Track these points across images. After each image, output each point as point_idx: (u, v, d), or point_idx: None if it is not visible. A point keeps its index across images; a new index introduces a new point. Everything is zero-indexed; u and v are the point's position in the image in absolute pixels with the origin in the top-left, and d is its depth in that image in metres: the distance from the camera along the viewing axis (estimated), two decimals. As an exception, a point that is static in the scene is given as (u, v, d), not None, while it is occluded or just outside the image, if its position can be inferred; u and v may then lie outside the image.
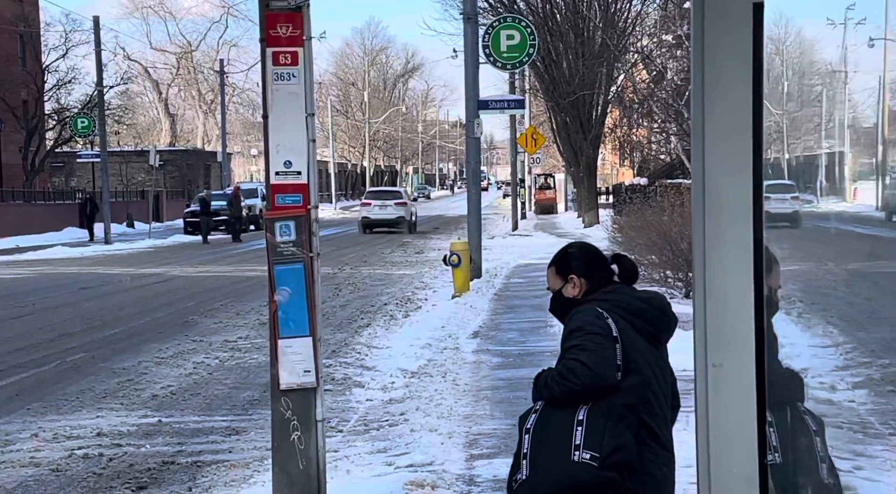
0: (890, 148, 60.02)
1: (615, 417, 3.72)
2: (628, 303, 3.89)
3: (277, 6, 5.16)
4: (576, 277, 3.98)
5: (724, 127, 2.56)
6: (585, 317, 3.81)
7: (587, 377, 3.67)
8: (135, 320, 15.99)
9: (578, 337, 3.74)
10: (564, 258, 4.06)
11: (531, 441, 3.73)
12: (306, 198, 5.41)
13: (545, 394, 3.76)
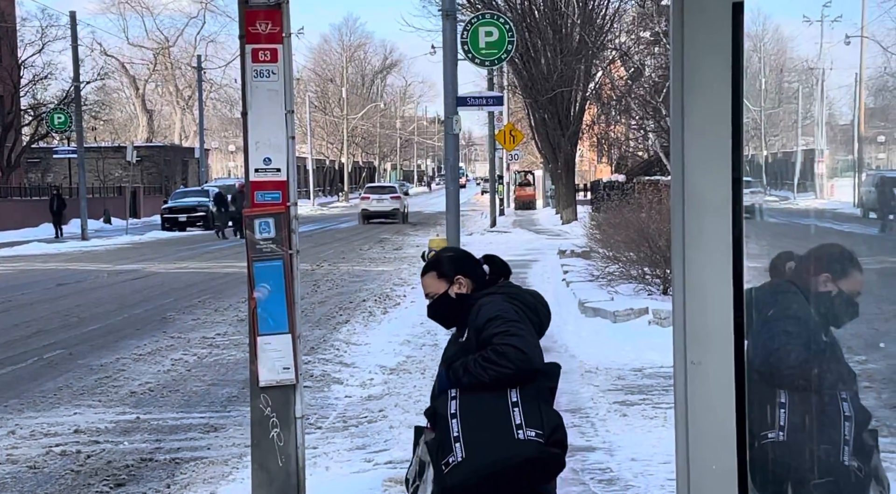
0: (866, 145, 60.34)
1: (545, 398, 3.90)
2: (522, 297, 4.07)
3: (257, 3, 5.15)
4: (462, 277, 4.12)
5: (703, 124, 2.58)
6: (499, 305, 3.95)
7: (521, 360, 3.79)
8: (112, 316, 15.92)
9: (502, 324, 3.85)
10: (446, 261, 4.19)
11: (461, 425, 3.82)
12: (286, 195, 5.40)
13: (466, 380, 3.85)
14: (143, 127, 74.17)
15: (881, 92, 64.93)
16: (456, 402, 3.88)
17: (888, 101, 66.02)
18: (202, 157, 58.73)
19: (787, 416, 2.72)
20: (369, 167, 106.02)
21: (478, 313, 3.95)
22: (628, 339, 11.52)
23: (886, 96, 65.43)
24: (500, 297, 4.01)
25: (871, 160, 62.28)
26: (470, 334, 3.97)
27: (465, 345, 3.98)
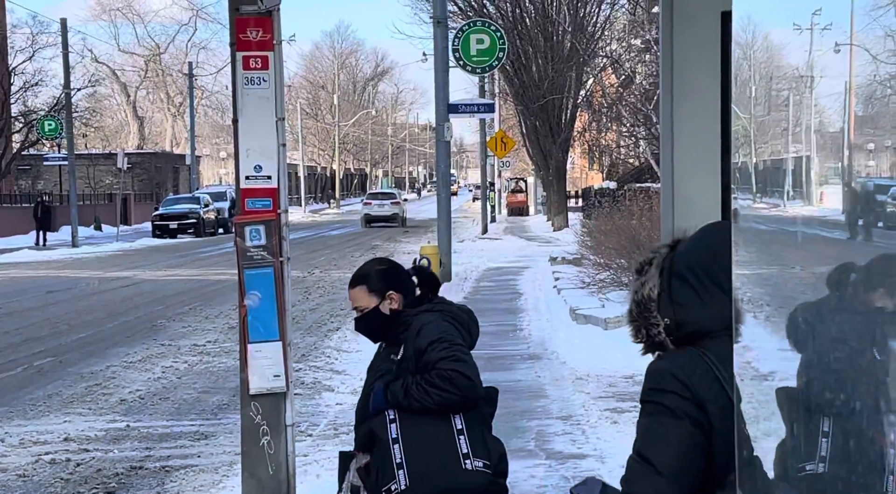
0: (855, 152, 60.99)
1: (487, 425, 3.86)
2: (457, 314, 3.97)
3: (248, 10, 5.15)
4: (393, 293, 3.97)
5: (692, 132, 2.59)
6: (441, 326, 3.83)
7: (468, 388, 3.71)
8: (103, 324, 15.88)
9: (447, 348, 3.74)
10: (377, 275, 4.03)
11: (405, 452, 3.73)
12: (276, 202, 5.40)
13: (407, 404, 3.73)
14: (134, 134, 74.10)
15: (871, 100, 65.77)
16: (397, 426, 3.76)
17: (878, 109, 66.84)
18: (193, 164, 58.67)
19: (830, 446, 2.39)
20: (361, 174, 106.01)
21: (418, 332, 3.81)
22: (619, 346, 11.52)
23: (876, 104, 66.28)
24: (437, 316, 3.89)
25: (861, 168, 63.06)
26: (408, 353, 3.82)
27: (401, 364, 3.84)
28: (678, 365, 2.23)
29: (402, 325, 3.91)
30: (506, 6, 35.56)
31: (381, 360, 3.99)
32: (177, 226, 42.98)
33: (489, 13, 34.36)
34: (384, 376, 3.87)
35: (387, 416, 3.78)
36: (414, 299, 3.98)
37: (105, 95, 74.27)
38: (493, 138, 35.90)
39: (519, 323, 14.65)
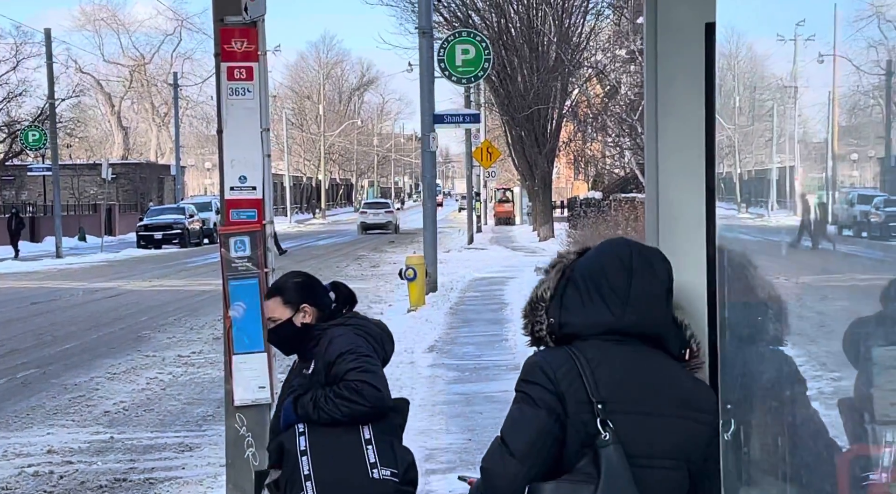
0: (839, 163, 61.03)
1: (397, 435, 3.89)
2: (370, 329, 3.99)
3: (232, 21, 5.14)
4: (307, 306, 3.97)
5: (677, 144, 2.59)
6: (351, 339, 3.85)
7: (375, 398, 3.73)
8: (87, 335, 15.80)
9: (356, 360, 3.76)
10: (293, 288, 4.03)
11: (312, 463, 3.74)
12: (261, 213, 5.39)
13: (317, 416, 3.75)
14: (119, 144, 73.88)
15: (854, 110, 65.88)
16: (305, 438, 3.77)
17: (861, 120, 66.97)
18: (178, 175, 58.53)
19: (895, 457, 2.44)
20: (346, 184, 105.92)
21: (328, 346, 3.83)
22: (605, 356, 11.54)
23: (859, 115, 66.41)
24: (349, 329, 3.90)
25: (845, 178, 63.10)
26: (318, 366, 3.84)
27: (312, 378, 3.84)
28: (548, 361, 2.49)
29: (313, 339, 3.91)
30: (491, 17, 35.64)
31: (294, 376, 3.99)
32: (162, 237, 42.83)
33: (474, 23, 34.43)
34: (295, 391, 3.88)
35: (296, 429, 3.80)
36: (328, 314, 3.98)
37: (89, 105, 74.08)
38: (479, 148, 35.94)
39: (504, 333, 14.64)
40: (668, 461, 2.44)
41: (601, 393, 2.41)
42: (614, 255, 2.52)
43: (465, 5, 35.38)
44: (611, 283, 2.48)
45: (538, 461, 2.44)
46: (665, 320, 2.50)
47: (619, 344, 2.47)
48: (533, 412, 2.46)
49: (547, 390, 2.45)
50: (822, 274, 5.43)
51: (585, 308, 2.50)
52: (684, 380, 2.51)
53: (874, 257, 6.10)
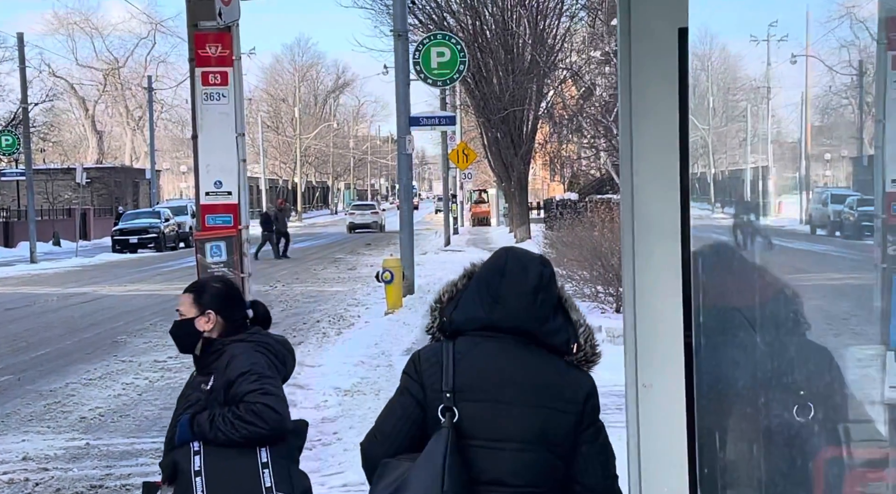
0: (812, 162, 61.52)
1: (295, 459, 3.87)
2: (272, 346, 3.96)
3: (206, 26, 5.13)
4: (213, 314, 3.93)
5: (651, 149, 2.60)
6: (251, 358, 3.81)
7: (275, 421, 3.70)
8: (62, 341, 15.69)
9: (256, 381, 3.72)
10: (208, 292, 3.99)
11: (206, 485, 3.70)
12: (237, 218, 5.38)
13: (213, 436, 3.71)
14: (93, 148, 73.43)
15: (826, 110, 66.48)
16: (200, 458, 3.72)
17: (834, 120, 67.53)
18: (153, 178, 58.24)
19: None
20: (323, 186, 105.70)
21: (229, 363, 3.79)
22: (582, 358, 11.56)
23: (832, 114, 66.99)
24: (250, 345, 3.86)
25: (818, 178, 63.63)
26: (217, 384, 3.80)
27: (210, 395, 3.80)
28: (422, 354, 2.90)
29: (214, 354, 3.86)
30: (466, 19, 35.66)
31: (192, 389, 3.94)
32: (137, 241, 42.61)
33: (449, 26, 34.43)
34: (193, 406, 3.83)
35: (191, 448, 3.74)
36: (235, 328, 3.93)
37: (63, 109, 73.54)
38: (455, 150, 35.95)
39: (482, 336, 14.66)
40: (516, 443, 2.77)
41: (456, 383, 2.78)
42: (494, 260, 2.91)
43: (440, 7, 35.38)
44: (488, 284, 2.85)
45: (400, 441, 2.83)
46: (535, 317, 2.82)
47: (490, 339, 2.82)
48: (399, 399, 2.88)
49: (413, 379, 2.85)
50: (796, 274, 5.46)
51: (475, 306, 2.85)
52: (549, 374, 2.82)
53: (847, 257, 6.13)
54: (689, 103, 2.63)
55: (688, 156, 2.61)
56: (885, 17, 4.65)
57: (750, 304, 3.12)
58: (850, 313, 7.74)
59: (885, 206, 4.66)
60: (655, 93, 2.59)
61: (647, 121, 2.60)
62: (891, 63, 4.71)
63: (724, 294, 2.94)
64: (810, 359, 3.29)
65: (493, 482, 2.77)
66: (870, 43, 5.27)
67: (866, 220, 4.76)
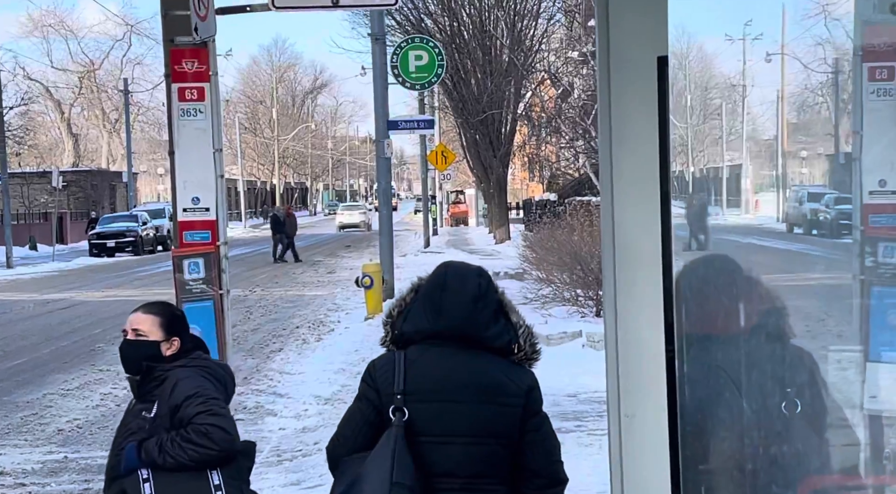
0: (789, 160, 61.60)
1: (246, 480, 3.86)
2: (214, 370, 3.96)
3: (182, 42, 5.08)
4: (177, 341, 3.93)
5: (632, 179, 2.58)
6: (197, 381, 3.80)
7: (226, 442, 3.70)
8: (39, 349, 15.57)
9: (203, 403, 3.71)
10: (176, 319, 4.00)
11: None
12: (215, 234, 5.33)
13: (162, 461, 3.69)
14: (69, 151, 72.94)
15: (802, 108, 66.53)
16: (150, 485, 3.69)
17: (810, 117, 67.54)
18: (130, 181, 57.94)
19: None
20: (301, 187, 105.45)
21: (173, 388, 3.76)
22: (563, 363, 11.55)
23: (808, 112, 67.01)
24: (194, 370, 3.85)
25: (795, 175, 63.66)
26: (162, 410, 3.76)
27: (155, 422, 3.76)
28: (377, 363, 3.20)
29: (156, 380, 3.83)
30: (444, 20, 35.64)
31: (132, 417, 3.89)
32: (114, 245, 42.37)
33: (427, 28, 34.41)
34: (135, 434, 3.79)
35: (140, 476, 3.71)
36: (174, 354, 3.91)
37: (39, 113, 72.98)
38: (434, 152, 35.92)
39: (462, 341, 14.65)
40: (465, 438, 3.08)
41: (406, 386, 3.08)
42: (435, 276, 3.23)
43: (417, 10, 35.36)
44: (430, 298, 3.17)
45: (360, 443, 3.12)
46: (476, 323, 3.13)
47: (437, 346, 3.13)
48: (358, 405, 3.18)
49: (369, 386, 3.16)
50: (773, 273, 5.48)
51: (421, 319, 3.16)
52: (493, 373, 3.14)
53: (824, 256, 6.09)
54: (670, 137, 2.62)
55: (668, 184, 2.60)
56: (860, 27, 4.67)
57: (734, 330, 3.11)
58: (827, 313, 7.78)
59: (862, 218, 4.67)
60: (636, 124, 2.58)
61: (628, 151, 2.59)
62: (867, 74, 4.73)
63: (704, 319, 2.93)
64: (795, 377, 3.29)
65: (445, 473, 3.07)
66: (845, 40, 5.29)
67: (843, 219, 4.78)
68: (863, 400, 4.44)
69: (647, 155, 2.59)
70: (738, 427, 2.72)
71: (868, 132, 4.31)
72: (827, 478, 2.63)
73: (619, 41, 2.54)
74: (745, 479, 2.61)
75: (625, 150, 2.59)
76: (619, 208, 2.59)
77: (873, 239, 4.23)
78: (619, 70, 2.56)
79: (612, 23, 2.55)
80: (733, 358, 2.96)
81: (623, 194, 2.58)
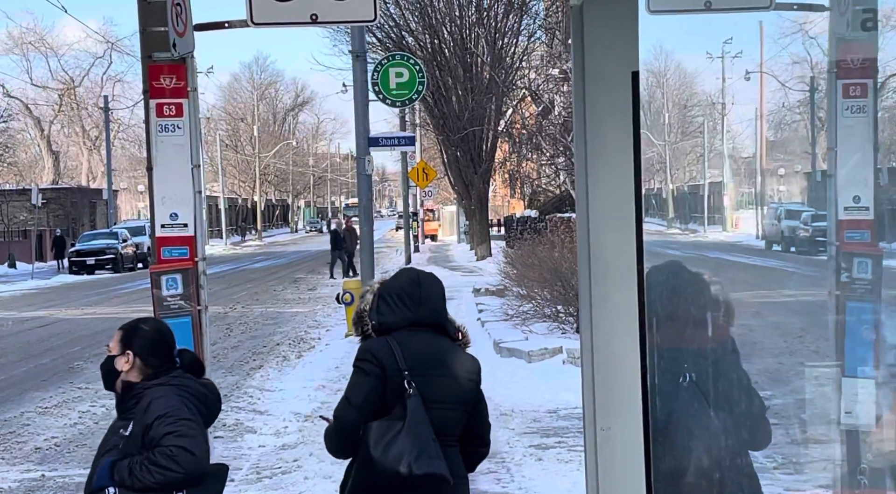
0: (767, 177, 62.03)
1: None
2: (195, 389, 3.94)
3: (161, 58, 5.08)
4: (131, 355, 3.90)
5: (608, 191, 2.60)
6: (170, 401, 3.79)
7: (190, 464, 3.69)
8: (16, 367, 15.47)
9: (172, 424, 3.71)
10: (136, 334, 3.98)
11: None
12: (193, 250, 5.31)
13: (131, 483, 3.70)
14: (49, 169, 72.61)
15: (780, 126, 66.99)
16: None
17: (787, 135, 68.03)
18: (111, 199, 57.70)
19: None
20: (283, 204, 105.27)
21: (147, 408, 3.77)
22: (543, 380, 11.57)
23: (786, 130, 67.46)
24: (171, 389, 3.84)
25: (773, 192, 64.04)
26: (136, 430, 3.78)
27: (129, 441, 3.78)
28: (373, 346, 3.88)
29: (133, 398, 3.83)
30: (425, 38, 35.73)
31: (112, 433, 3.91)
32: (94, 262, 42.18)
33: (408, 45, 34.48)
34: (111, 451, 3.81)
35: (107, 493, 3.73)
36: (155, 374, 3.89)
37: (18, 129, 72.61)
38: (415, 168, 35.95)
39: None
40: (449, 404, 3.86)
41: (406, 363, 3.79)
42: (408, 277, 3.98)
43: (398, 27, 35.44)
44: (408, 293, 3.90)
45: (368, 409, 3.81)
46: (444, 314, 3.96)
47: (419, 332, 3.88)
48: (365, 379, 3.83)
49: (373, 364, 3.82)
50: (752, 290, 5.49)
51: (395, 311, 3.88)
52: (458, 354, 3.96)
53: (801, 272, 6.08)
54: (646, 120, 2.64)
55: (641, 199, 2.62)
56: (835, 45, 4.72)
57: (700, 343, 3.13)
58: (805, 330, 7.78)
59: (838, 233, 4.71)
60: (610, 135, 2.60)
61: (603, 165, 2.61)
62: (841, 91, 4.78)
63: (675, 333, 2.94)
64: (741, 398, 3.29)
65: (438, 433, 3.79)
66: (822, 58, 5.34)
67: (820, 236, 4.81)
68: (840, 416, 4.46)
69: (622, 171, 2.61)
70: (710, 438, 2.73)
71: (842, 148, 4.35)
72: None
73: (594, 56, 2.56)
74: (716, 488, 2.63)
75: (600, 168, 2.61)
76: (595, 221, 2.61)
77: (848, 254, 4.26)
78: (594, 82, 2.58)
79: (587, 37, 2.57)
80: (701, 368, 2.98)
81: (599, 208, 2.60)
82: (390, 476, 3.72)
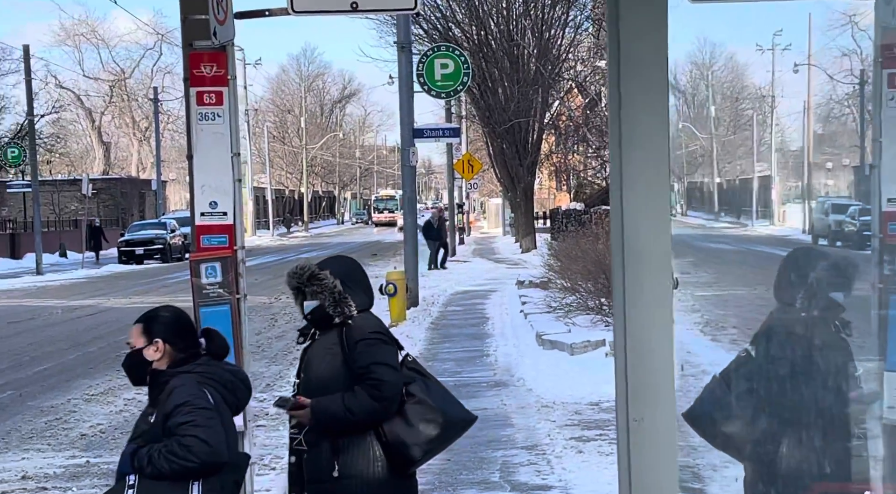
0: (815, 171, 61.11)
1: (228, 492, 3.83)
2: (221, 376, 3.92)
3: (201, 45, 5.09)
4: (161, 342, 3.91)
5: (641, 178, 2.56)
6: (190, 390, 3.78)
7: (206, 454, 3.67)
8: (65, 355, 15.67)
9: (189, 413, 3.70)
10: (158, 321, 3.98)
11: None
12: (232, 238, 5.33)
13: (149, 472, 3.70)
14: (100, 159, 73.54)
15: (828, 119, 65.95)
16: (134, 492, 3.72)
17: (835, 128, 66.97)
18: (159, 189, 58.29)
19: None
20: (329, 196, 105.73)
21: (168, 396, 3.77)
22: (585, 372, 11.50)
23: (833, 123, 66.41)
24: (193, 377, 3.83)
25: (820, 186, 63.10)
26: (158, 418, 3.79)
27: (152, 429, 3.79)
28: (375, 320, 4.51)
29: (160, 386, 3.84)
30: (471, 29, 35.64)
31: (141, 420, 3.93)
32: (143, 252, 42.62)
33: (454, 36, 34.42)
34: (139, 437, 3.83)
35: (127, 481, 3.75)
36: (184, 359, 3.90)
37: (70, 121, 73.65)
38: (461, 161, 35.91)
39: (486, 349, 14.60)
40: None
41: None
42: (351, 262, 4.63)
43: (444, 18, 35.38)
44: (363, 279, 4.57)
45: (398, 370, 4.37)
46: None
47: None
48: (389, 346, 4.41)
49: (388, 335, 4.47)
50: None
51: (364, 294, 4.51)
52: None
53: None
54: (689, 112, 2.59)
55: (668, 184, 2.57)
56: (880, 34, 4.61)
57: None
58: (853, 326, 7.64)
59: (881, 225, 4.61)
60: (645, 128, 2.55)
61: (638, 158, 2.56)
62: (886, 81, 4.68)
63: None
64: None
65: None
66: (871, 51, 5.23)
67: (867, 230, 4.72)
68: (882, 411, 4.37)
69: (658, 165, 2.56)
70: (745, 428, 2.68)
71: (887, 139, 4.26)
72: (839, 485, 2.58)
73: (628, 43, 2.52)
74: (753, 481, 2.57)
75: (636, 160, 2.56)
76: (628, 208, 2.56)
77: (891, 246, 4.17)
78: (629, 73, 2.54)
79: (622, 22, 2.52)
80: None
81: (632, 194, 2.56)
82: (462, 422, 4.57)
